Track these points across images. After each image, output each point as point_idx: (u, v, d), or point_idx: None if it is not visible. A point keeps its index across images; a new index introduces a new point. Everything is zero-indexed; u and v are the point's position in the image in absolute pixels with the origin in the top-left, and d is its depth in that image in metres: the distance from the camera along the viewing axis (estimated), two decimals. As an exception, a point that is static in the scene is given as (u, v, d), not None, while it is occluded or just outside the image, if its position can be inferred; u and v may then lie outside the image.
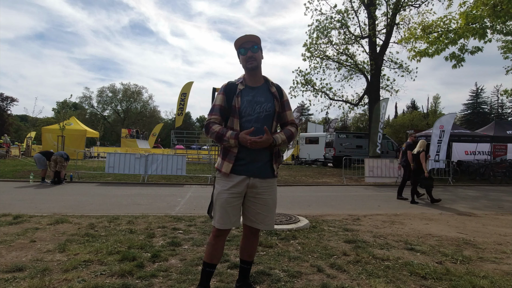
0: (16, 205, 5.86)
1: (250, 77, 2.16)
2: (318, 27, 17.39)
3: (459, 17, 8.89)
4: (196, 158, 19.73)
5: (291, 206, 6.48)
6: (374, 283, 2.53)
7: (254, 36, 2.10)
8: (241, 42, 2.10)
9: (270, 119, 2.11)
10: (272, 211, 2.15)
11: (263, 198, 2.10)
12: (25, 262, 2.80)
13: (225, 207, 2.04)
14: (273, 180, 2.16)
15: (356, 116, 52.34)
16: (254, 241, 2.25)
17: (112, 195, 7.54)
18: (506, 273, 2.87)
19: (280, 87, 2.26)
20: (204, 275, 2.16)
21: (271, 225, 2.16)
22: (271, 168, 2.13)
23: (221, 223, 2.05)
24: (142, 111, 59.16)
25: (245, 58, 2.09)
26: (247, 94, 2.11)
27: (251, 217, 2.12)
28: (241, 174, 2.05)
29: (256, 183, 2.07)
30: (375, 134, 14.16)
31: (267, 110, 2.10)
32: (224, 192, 2.06)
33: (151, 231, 3.97)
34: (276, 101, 2.14)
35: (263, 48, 2.19)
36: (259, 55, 2.12)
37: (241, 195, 2.08)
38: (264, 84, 2.20)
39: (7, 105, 42.61)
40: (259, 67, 2.16)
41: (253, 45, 2.08)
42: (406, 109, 53.75)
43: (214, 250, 2.11)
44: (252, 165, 2.06)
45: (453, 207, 6.92)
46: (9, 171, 11.52)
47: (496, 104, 45.06)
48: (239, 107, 2.07)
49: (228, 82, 2.20)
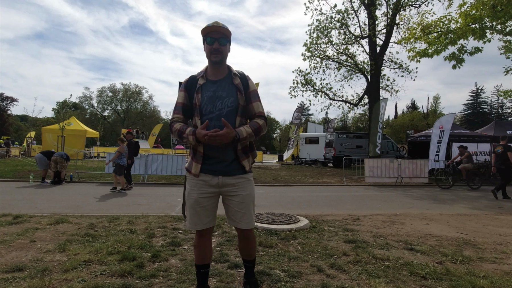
0: (16, 205, 5.86)
1: (213, 70, 2.03)
2: (318, 27, 17.42)
3: (459, 17, 8.90)
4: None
5: (291, 206, 6.48)
6: (374, 283, 2.53)
7: (225, 28, 1.97)
8: (209, 30, 1.95)
9: (233, 115, 1.96)
10: (249, 208, 2.03)
11: (239, 195, 2.00)
12: (25, 262, 2.80)
13: (195, 208, 1.99)
14: (246, 175, 2.03)
15: (356, 116, 52.43)
16: (247, 241, 2.16)
17: (112, 195, 7.54)
18: (506, 273, 2.87)
19: (245, 76, 2.09)
20: (199, 277, 2.13)
21: (251, 223, 2.05)
22: (239, 165, 2.00)
23: (191, 224, 2.01)
24: (142, 111, 59.21)
25: (210, 49, 1.95)
26: (208, 89, 1.98)
27: (232, 217, 2.05)
28: (209, 174, 1.97)
29: (227, 181, 1.98)
30: (375, 134, 14.18)
31: (229, 105, 1.95)
32: (193, 193, 2.00)
33: (151, 231, 3.97)
34: (240, 93, 1.98)
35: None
36: (226, 49, 1.99)
37: (212, 194, 2.01)
38: (228, 75, 2.04)
39: (7, 105, 42.65)
40: (224, 61, 2.03)
41: (222, 37, 1.96)
42: (406, 109, 53.80)
43: (202, 251, 2.08)
44: (220, 164, 1.97)
45: (453, 207, 6.93)
46: (9, 171, 11.52)
47: (496, 104, 45.13)
48: (199, 104, 1.97)
49: (189, 77, 2.08)
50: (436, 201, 7.83)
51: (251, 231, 2.14)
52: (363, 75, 17.64)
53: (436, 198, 8.46)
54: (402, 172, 12.12)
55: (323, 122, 47.28)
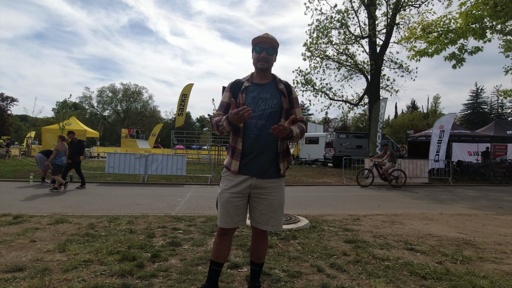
0: (16, 205, 5.86)
1: (258, 75, 2.16)
2: (318, 26, 17.41)
3: (459, 17, 8.90)
4: (196, 158, 19.73)
5: (291, 206, 6.47)
6: (374, 283, 2.53)
7: (274, 40, 2.09)
8: (260, 40, 2.08)
9: (276, 116, 2.06)
10: (278, 212, 2.08)
11: (267, 199, 2.05)
12: (25, 262, 2.80)
13: (226, 207, 2.04)
14: (279, 180, 2.10)
15: (356, 116, 52.37)
16: (262, 243, 2.19)
17: (112, 195, 7.54)
18: (506, 273, 2.87)
19: (289, 84, 2.22)
20: (210, 273, 2.16)
21: (278, 226, 2.09)
22: (276, 168, 2.07)
23: (222, 222, 2.06)
24: (142, 111, 59.19)
25: (258, 57, 2.08)
26: (253, 90, 2.10)
27: (256, 218, 2.10)
28: (244, 174, 2.03)
29: (259, 184, 2.03)
30: (375, 134, 14.20)
31: (272, 107, 2.06)
32: (225, 192, 2.06)
33: (151, 231, 3.97)
34: (284, 97, 2.09)
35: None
36: (272, 59, 2.11)
37: (243, 195, 2.05)
38: (272, 81, 2.16)
39: (7, 105, 42.63)
40: (270, 69, 2.16)
41: (270, 47, 2.08)
42: (406, 109, 53.78)
43: (219, 248, 2.11)
44: (256, 164, 2.02)
45: (453, 207, 6.93)
46: (9, 171, 11.52)
47: (496, 104, 45.10)
48: (242, 103, 2.05)
49: (235, 80, 2.21)
50: (436, 201, 7.84)
51: (265, 233, 2.17)
52: (363, 75, 17.63)
53: (436, 198, 8.46)
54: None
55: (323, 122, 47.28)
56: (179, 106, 19.06)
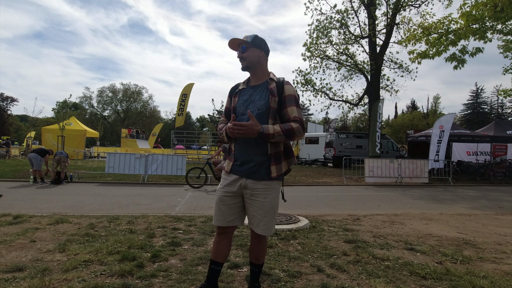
0: (16, 205, 5.86)
1: (252, 77, 2.16)
2: (318, 26, 17.40)
3: (459, 18, 8.90)
4: (196, 158, 19.74)
5: (291, 206, 6.47)
6: (374, 283, 2.53)
7: (235, 39, 2.09)
8: (231, 46, 2.14)
9: (263, 117, 1.98)
10: (268, 215, 2.01)
11: (257, 201, 2.01)
12: (25, 262, 2.80)
13: (219, 205, 2.07)
14: (271, 182, 2.02)
15: (356, 116, 52.39)
16: (259, 244, 2.17)
17: (112, 195, 7.54)
18: (506, 273, 2.87)
19: (282, 81, 2.08)
20: (209, 272, 2.17)
21: (268, 230, 2.03)
22: (266, 170, 2.00)
23: (214, 220, 2.10)
24: (142, 111, 59.22)
25: (239, 60, 2.12)
26: (246, 93, 2.11)
27: (250, 219, 2.11)
28: (235, 174, 2.06)
29: (249, 185, 2.01)
30: (374, 134, 14.22)
31: (259, 108, 2.01)
32: (219, 190, 2.11)
33: (151, 231, 3.97)
34: (272, 97, 2.00)
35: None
36: (248, 54, 2.06)
37: (236, 194, 2.06)
38: (266, 81, 2.11)
39: (7, 105, 42.65)
40: (254, 65, 2.09)
41: (241, 46, 2.09)
42: (406, 109, 53.74)
43: (218, 247, 2.12)
44: (245, 165, 2.02)
45: (453, 207, 6.93)
46: (9, 171, 11.53)
47: (496, 104, 45.08)
48: (234, 106, 2.11)
49: (235, 84, 2.25)
50: (436, 201, 7.84)
51: (265, 236, 2.16)
52: (363, 75, 17.63)
53: (436, 198, 8.47)
54: (402, 172, 12.13)
55: (323, 122, 47.29)
56: (179, 106, 19.05)
